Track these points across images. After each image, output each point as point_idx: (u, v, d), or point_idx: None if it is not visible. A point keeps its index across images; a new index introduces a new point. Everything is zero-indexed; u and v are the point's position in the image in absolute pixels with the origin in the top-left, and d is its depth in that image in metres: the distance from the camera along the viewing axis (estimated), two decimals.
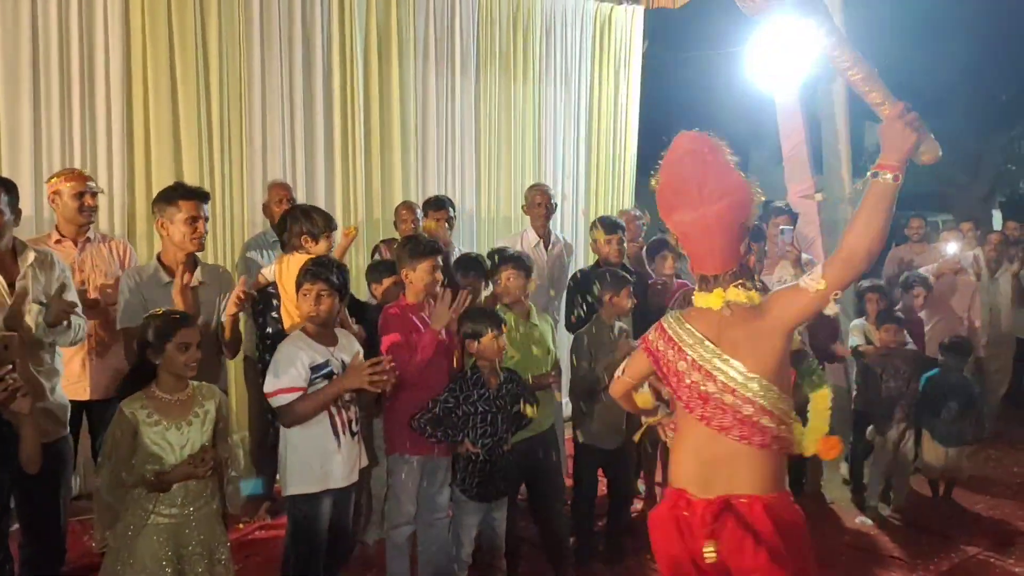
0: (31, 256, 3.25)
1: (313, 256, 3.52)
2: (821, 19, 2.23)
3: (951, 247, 6.13)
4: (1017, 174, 12.99)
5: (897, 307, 5.56)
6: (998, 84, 11.60)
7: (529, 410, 3.64)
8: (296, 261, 3.56)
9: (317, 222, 3.74)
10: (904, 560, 4.43)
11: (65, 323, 3.23)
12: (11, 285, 3.17)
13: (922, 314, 5.88)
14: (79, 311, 3.35)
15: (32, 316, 3.19)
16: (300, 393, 3.09)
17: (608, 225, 4.81)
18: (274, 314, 3.80)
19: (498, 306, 3.94)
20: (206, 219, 3.63)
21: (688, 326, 2.32)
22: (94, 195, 3.99)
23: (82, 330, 3.42)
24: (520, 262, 3.98)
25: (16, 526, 3.31)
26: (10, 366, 2.50)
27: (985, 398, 6.67)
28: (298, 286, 3.23)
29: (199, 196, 3.61)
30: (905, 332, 5.11)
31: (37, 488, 3.17)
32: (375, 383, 3.12)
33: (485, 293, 4.20)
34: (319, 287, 3.17)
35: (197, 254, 3.70)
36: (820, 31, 2.21)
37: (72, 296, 3.37)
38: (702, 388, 2.25)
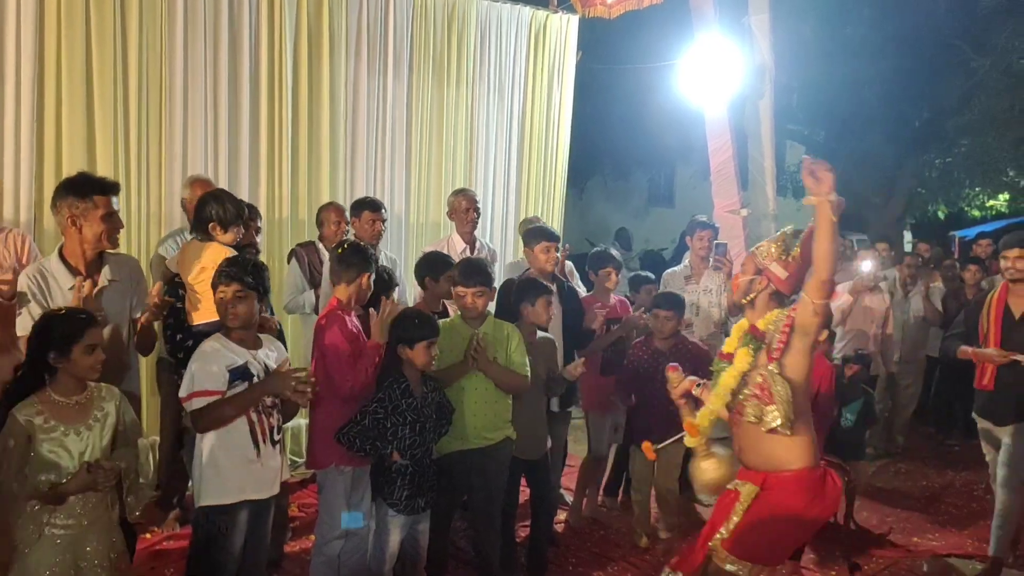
0: None
1: (220, 245, 3.41)
2: None
3: (866, 265, 6.32)
4: (928, 197, 13.51)
5: None
6: (912, 110, 12.07)
7: None
8: (194, 249, 3.44)
9: (229, 209, 3.58)
10: (815, 569, 4.53)
11: None
12: None
13: (838, 329, 6.04)
14: None
15: None
16: (217, 397, 2.93)
17: (540, 234, 4.76)
18: (179, 304, 3.60)
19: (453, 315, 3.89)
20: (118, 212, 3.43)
21: None
22: None
23: None
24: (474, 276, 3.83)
25: None
26: None
27: (897, 413, 6.91)
28: (213, 287, 3.07)
29: (114, 189, 3.39)
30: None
31: None
32: (298, 393, 3.00)
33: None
34: (234, 288, 3.00)
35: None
36: None
37: None
38: None
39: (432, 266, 4.25)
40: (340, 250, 3.59)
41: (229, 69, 5.54)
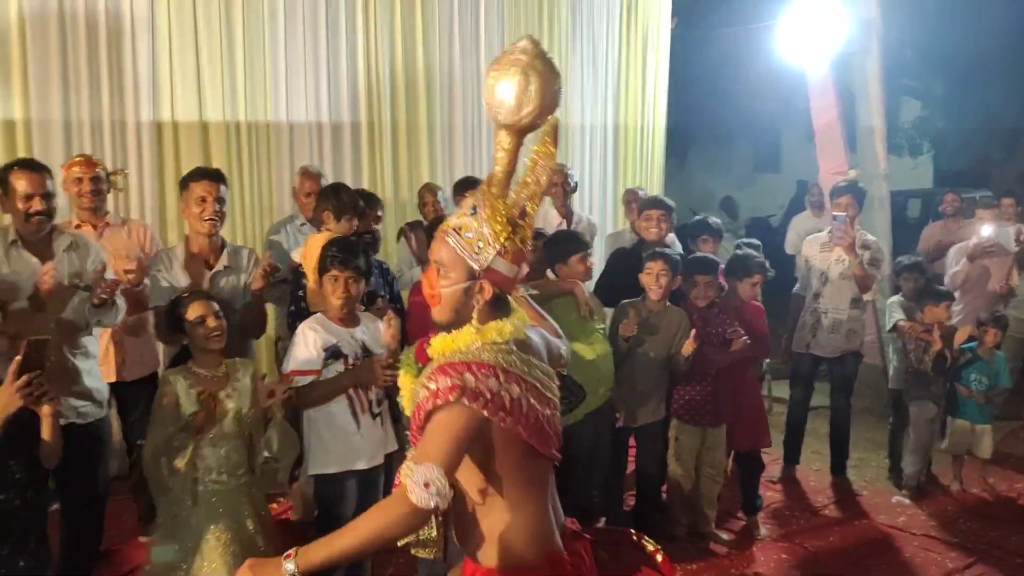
0: (66, 241, 3.29)
1: (332, 234, 3.52)
2: None
3: (986, 229, 5.90)
4: None
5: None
6: None
7: None
8: (316, 240, 3.54)
9: (343, 200, 3.74)
10: (942, 539, 4.37)
11: (110, 303, 3.24)
12: None
13: (956, 293, 5.75)
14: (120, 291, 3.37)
15: (75, 302, 3.20)
16: (313, 376, 3.05)
17: (650, 203, 4.66)
18: (300, 292, 3.77)
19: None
20: (221, 200, 3.60)
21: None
22: (94, 180, 3.91)
23: (123, 311, 3.41)
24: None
25: (56, 506, 3.33)
26: (39, 371, 2.33)
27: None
28: (323, 270, 3.17)
29: (210, 176, 3.61)
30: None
31: (77, 469, 3.18)
32: (387, 382, 3.04)
33: None
34: (348, 274, 3.12)
35: (226, 238, 3.72)
36: None
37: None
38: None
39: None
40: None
41: (329, 59, 5.71)
